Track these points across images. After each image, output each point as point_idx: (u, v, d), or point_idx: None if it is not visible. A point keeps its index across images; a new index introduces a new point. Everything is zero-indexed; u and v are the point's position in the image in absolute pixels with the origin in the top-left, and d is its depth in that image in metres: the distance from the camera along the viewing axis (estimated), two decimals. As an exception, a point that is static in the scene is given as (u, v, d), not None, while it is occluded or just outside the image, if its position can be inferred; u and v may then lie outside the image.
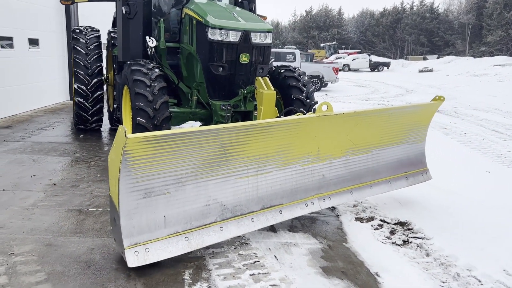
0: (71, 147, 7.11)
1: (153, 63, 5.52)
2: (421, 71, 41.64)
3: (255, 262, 3.46)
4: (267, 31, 5.48)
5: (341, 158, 4.25)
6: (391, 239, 4.01)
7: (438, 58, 52.69)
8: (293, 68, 6.18)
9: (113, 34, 7.79)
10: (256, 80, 5.27)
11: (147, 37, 5.87)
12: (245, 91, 5.43)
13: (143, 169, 3.00)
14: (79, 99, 7.69)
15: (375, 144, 4.47)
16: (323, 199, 4.15)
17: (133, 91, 4.99)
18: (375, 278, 3.33)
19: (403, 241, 3.97)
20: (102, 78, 7.91)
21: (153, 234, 3.17)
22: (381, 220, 4.43)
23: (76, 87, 7.65)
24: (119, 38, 6.30)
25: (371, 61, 45.32)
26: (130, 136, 2.80)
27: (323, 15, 78.81)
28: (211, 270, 3.31)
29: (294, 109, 5.39)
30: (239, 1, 6.83)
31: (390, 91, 21.25)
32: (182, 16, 5.93)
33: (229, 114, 5.45)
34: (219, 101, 5.53)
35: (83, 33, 8.07)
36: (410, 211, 4.62)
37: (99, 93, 7.81)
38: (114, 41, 7.67)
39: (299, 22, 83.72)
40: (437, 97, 4.79)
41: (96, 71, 7.74)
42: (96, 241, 3.70)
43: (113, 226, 3.20)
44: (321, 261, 3.55)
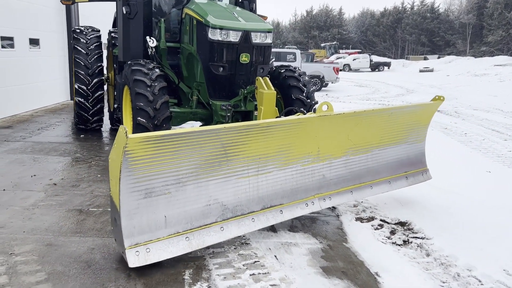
0: (71, 147, 7.11)
1: (154, 63, 5.53)
2: (421, 71, 41.61)
3: (255, 262, 3.46)
4: (267, 31, 5.48)
5: (341, 158, 4.25)
6: (391, 239, 4.01)
7: (438, 58, 52.67)
8: (294, 68, 6.19)
9: (113, 34, 7.80)
10: (256, 80, 5.27)
11: (148, 37, 5.88)
12: (246, 91, 5.44)
13: (144, 169, 3.00)
14: (80, 99, 7.70)
15: (375, 144, 4.48)
16: (324, 199, 4.15)
17: (134, 91, 5.00)
18: (375, 278, 3.33)
19: (403, 241, 3.97)
20: (102, 78, 7.92)
21: (154, 234, 3.17)
22: (381, 220, 4.43)
23: (76, 87, 7.67)
24: (119, 38, 6.31)
25: (371, 61, 45.29)
26: (131, 136, 2.79)
27: (323, 15, 78.79)
28: (211, 270, 3.31)
29: (294, 109, 5.39)
30: (240, 1, 6.84)
31: (390, 91, 21.24)
32: (182, 16, 5.94)
33: (230, 114, 5.45)
34: (220, 101, 5.53)
35: (84, 33, 8.08)
36: (410, 211, 4.62)
37: (99, 93, 7.83)
38: (114, 41, 7.68)
39: (299, 22, 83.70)
40: (437, 97, 4.79)
41: (96, 71, 7.75)
42: (96, 241, 3.70)
43: (114, 226, 3.20)
44: (321, 261, 3.55)
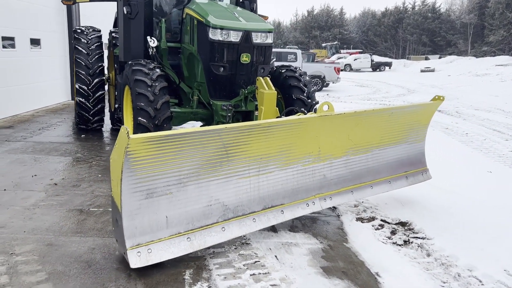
0: (72, 147, 7.12)
1: (154, 63, 5.53)
2: (423, 71, 41.59)
3: (256, 262, 3.46)
4: (268, 31, 5.48)
5: (342, 158, 4.25)
6: (392, 239, 4.01)
7: (440, 58, 52.60)
8: (294, 68, 6.18)
9: (114, 34, 7.81)
10: (257, 80, 5.27)
11: (148, 37, 5.88)
12: (246, 91, 5.44)
13: (145, 169, 2.99)
14: (81, 99, 7.71)
15: (375, 144, 4.47)
16: (324, 199, 4.15)
17: (134, 91, 5.00)
18: (376, 278, 3.32)
19: (404, 241, 3.96)
20: (103, 78, 7.93)
21: (155, 234, 3.17)
22: (382, 220, 4.43)
23: (77, 87, 7.67)
24: (120, 38, 6.31)
25: (372, 61, 45.26)
26: (132, 136, 2.79)
27: (324, 15, 78.75)
28: (211, 270, 3.31)
29: (295, 109, 5.39)
30: (240, 1, 6.84)
31: (391, 91, 21.22)
32: (183, 16, 5.94)
33: (230, 114, 5.45)
34: (220, 101, 5.53)
35: (85, 33, 8.09)
36: (411, 211, 4.62)
37: (100, 93, 7.84)
38: (115, 41, 7.69)
39: (300, 22, 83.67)
40: (437, 97, 4.79)
41: (97, 71, 7.76)
42: (97, 241, 3.70)
43: (115, 227, 3.19)
44: (322, 261, 3.55)
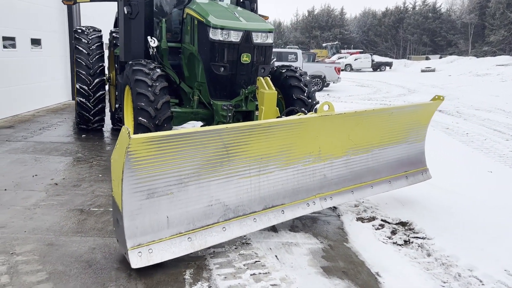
0: (73, 147, 7.12)
1: (155, 63, 5.53)
2: (423, 71, 41.57)
3: (256, 262, 3.46)
4: (268, 31, 5.48)
5: (342, 158, 4.25)
6: (392, 239, 4.01)
7: (440, 58, 52.58)
8: (295, 68, 6.18)
9: (115, 34, 7.82)
10: (257, 80, 5.27)
11: (149, 37, 5.88)
12: (247, 91, 5.44)
13: (146, 169, 2.99)
14: (81, 99, 7.71)
15: (375, 143, 4.47)
16: (325, 199, 4.15)
17: (135, 91, 5.01)
18: (376, 278, 3.32)
19: (404, 241, 3.96)
20: (104, 78, 7.93)
21: (156, 235, 3.17)
22: (382, 220, 4.43)
23: (78, 87, 7.68)
24: (121, 38, 6.32)
25: (373, 61, 45.25)
26: (134, 136, 2.79)
27: (325, 15, 78.75)
28: (212, 269, 3.31)
29: (295, 109, 5.39)
30: (241, 1, 6.84)
31: (392, 91, 21.21)
32: (183, 16, 5.94)
33: (231, 114, 5.46)
34: (221, 101, 5.54)
35: (85, 33, 8.09)
36: (411, 211, 4.61)
37: (101, 93, 7.84)
38: (116, 41, 7.70)
39: (301, 22, 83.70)
40: (437, 97, 4.80)
41: (98, 71, 7.77)
42: (97, 241, 3.71)
43: (116, 227, 3.19)
44: (322, 261, 3.55)
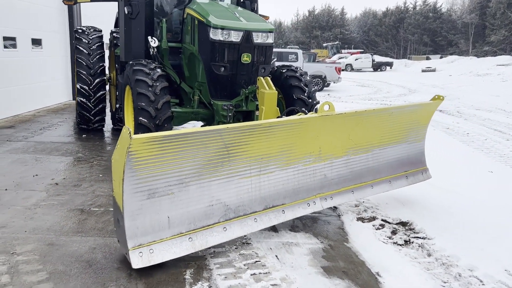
0: (73, 147, 7.13)
1: (155, 63, 5.54)
2: (424, 71, 41.56)
3: (256, 261, 3.46)
4: (268, 31, 5.48)
5: (342, 157, 4.25)
6: (392, 239, 4.01)
7: (441, 57, 52.55)
8: (295, 68, 6.19)
9: (115, 34, 7.83)
10: (257, 80, 5.27)
11: (149, 37, 5.89)
12: (247, 91, 5.45)
13: (147, 169, 2.99)
14: (82, 99, 7.72)
15: (375, 143, 4.47)
16: (325, 199, 4.15)
17: (135, 91, 5.01)
18: (376, 278, 3.32)
19: (405, 241, 3.96)
20: (104, 78, 7.93)
21: (157, 235, 3.17)
22: (382, 220, 4.43)
23: (78, 87, 7.68)
24: (121, 38, 6.32)
25: (373, 60, 45.24)
26: (135, 137, 2.78)
27: (325, 15, 78.74)
28: (212, 269, 3.32)
29: (296, 109, 5.39)
30: (241, 1, 6.84)
31: (392, 91, 21.21)
32: (184, 16, 5.94)
33: (231, 114, 5.46)
34: (221, 101, 5.54)
35: (86, 33, 8.09)
36: (411, 211, 4.61)
37: (101, 93, 7.84)
38: (116, 41, 7.70)
39: (301, 22, 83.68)
40: (437, 96, 4.80)
41: (98, 71, 7.77)
42: (97, 241, 3.71)
43: (117, 227, 3.19)
44: (322, 261, 3.55)
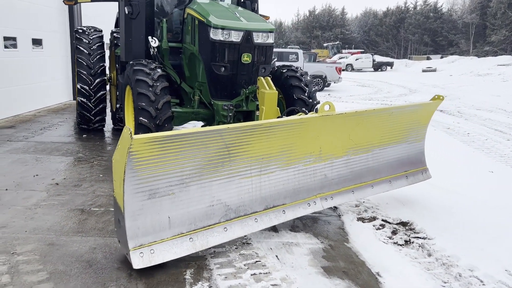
0: (74, 147, 7.13)
1: (156, 63, 5.54)
2: (424, 71, 41.55)
3: (257, 261, 3.46)
4: (269, 31, 5.48)
5: (343, 157, 4.25)
6: (393, 239, 4.01)
7: (441, 57, 52.54)
8: (295, 68, 6.19)
9: (115, 34, 7.83)
10: (258, 80, 5.27)
11: (150, 37, 5.89)
12: (247, 91, 5.45)
13: (148, 170, 2.99)
14: (82, 99, 7.72)
15: (375, 143, 4.47)
16: (325, 199, 4.15)
17: (136, 91, 5.01)
18: (377, 278, 3.32)
19: (405, 241, 3.96)
20: (105, 78, 7.94)
21: (158, 235, 3.17)
22: (383, 220, 4.43)
23: (79, 87, 7.69)
24: (121, 38, 6.32)
25: (374, 60, 45.22)
26: (136, 137, 2.78)
27: (326, 15, 78.74)
28: (212, 269, 3.31)
29: (296, 109, 5.39)
30: (242, 1, 6.84)
31: (393, 91, 21.20)
32: (184, 16, 5.95)
33: (231, 114, 5.46)
34: (221, 101, 5.54)
35: (86, 33, 8.10)
36: (412, 211, 4.61)
37: (102, 93, 7.85)
38: (116, 41, 7.71)
39: (302, 22, 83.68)
40: (436, 96, 4.80)
41: (99, 71, 7.77)
42: (98, 241, 3.71)
43: (118, 227, 3.19)
44: (323, 261, 3.55)
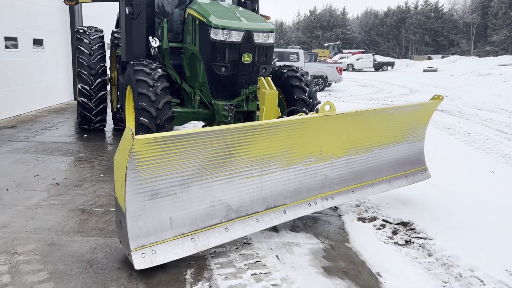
0: (74, 147, 7.14)
1: (156, 63, 5.54)
2: (425, 71, 41.51)
3: (257, 261, 3.46)
4: (269, 31, 5.48)
5: (343, 157, 4.25)
6: (393, 239, 4.01)
7: (442, 57, 52.51)
8: (296, 67, 6.19)
9: (116, 34, 7.83)
10: (258, 80, 5.27)
11: (150, 37, 5.89)
12: (248, 91, 5.45)
13: (149, 170, 2.99)
14: (83, 99, 7.73)
15: (376, 143, 4.48)
16: (326, 199, 4.15)
17: (136, 91, 5.01)
18: (377, 278, 3.32)
19: (406, 241, 3.96)
20: (105, 78, 7.95)
21: (159, 235, 3.17)
22: (383, 220, 4.42)
23: (80, 87, 7.70)
24: (122, 38, 6.33)
25: (375, 60, 45.19)
26: (137, 137, 2.78)
27: (327, 15, 78.74)
28: (212, 269, 3.32)
29: (296, 109, 5.39)
30: (242, 1, 6.84)
31: (394, 91, 21.19)
32: (185, 16, 5.95)
33: (232, 114, 5.46)
34: (222, 101, 5.54)
35: (87, 33, 8.11)
36: (412, 211, 4.61)
37: (102, 93, 7.86)
38: (117, 41, 7.71)
39: (303, 22, 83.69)
40: (436, 96, 4.80)
41: (99, 71, 7.78)
42: (98, 241, 3.71)
43: (119, 228, 3.18)
44: (323, 261, 3.55)
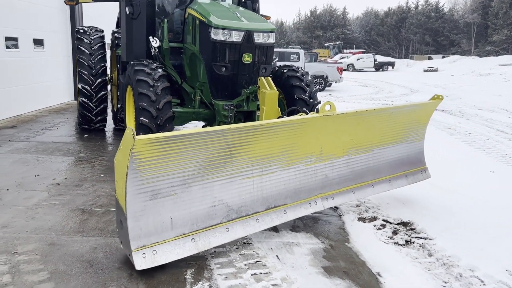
0: (75, 147, 7.14)
1: (157, 63, 5.54)
2: (426, 71, 41.49)
3: (257, 261, 3.46)
4: (270, 31, 5.48)
5: (343, 157, 4.25)
6: (393, 239, 4.00)
7: (443, 57, 52.50)
8: (296, 67, 6.19)
9: (117, 34, 7.83)
10: (258, 80, 5.27)
11: (151, 37, 5.89)
12: (248, 91, 5.45)
13: (150, 170, 2.99)
14: (83, 99, 7.73)
15: (376, 143, 4.48)
16: (326, 199, 4.15)
17: (137, 91, 5.02)
18: (377, 278, 3.32)
19: (406, 241, 3.96)
20: (106, 78, 7.95)
21: (160, 236, 3.17)
22: (383, 220, 4.42)
23: (80, 87, 7.70)
24: (122, 38, 6.33)
25: (375, 60, 45.18)
26: (138, 137, 2.79)
27: (327, 15, 78.77)
28: (213, 269, 3.32)
29: (297, 109, 5.39)
30: (243, 1, 6.84)
31: (394, 90, 21.18)
32: (185, 16, 5.95)
33: (232, 114, 5.46)
34: (222, 101, 5.54)
35: (87, 33, 8.11)
36: (413, 211, 4.61)
37: (103, 93, 7.86)
38: (118, 41, 7.72)
39: (303, 21, 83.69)
40: (436, 96, 4.80)
41: (100, 71, 7.78)
42: (99, 240, 3.72)
43: (120, 228, 3.18)
44: (323, 261, 3.55)
